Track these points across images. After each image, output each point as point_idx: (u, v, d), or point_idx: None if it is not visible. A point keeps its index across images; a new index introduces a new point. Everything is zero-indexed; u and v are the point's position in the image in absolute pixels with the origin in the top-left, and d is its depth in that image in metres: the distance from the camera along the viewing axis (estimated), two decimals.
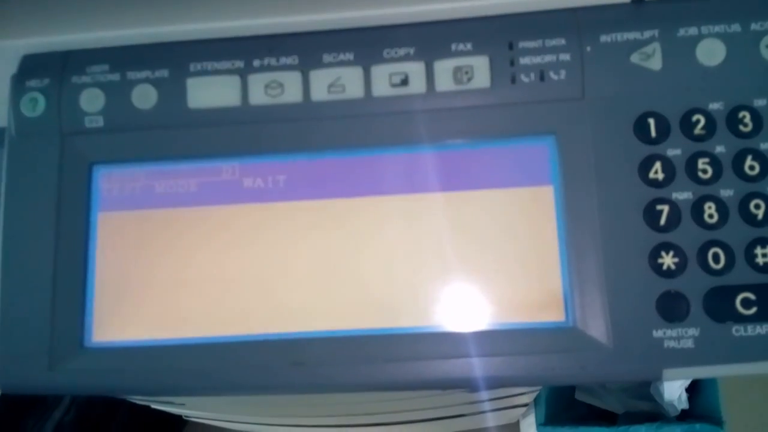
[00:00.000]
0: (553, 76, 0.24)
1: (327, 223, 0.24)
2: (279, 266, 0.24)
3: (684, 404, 0.59)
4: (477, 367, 0.23)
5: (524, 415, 0.69)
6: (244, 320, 0.23)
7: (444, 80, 0.24)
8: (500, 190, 0.24)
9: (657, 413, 0.62)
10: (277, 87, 0.25)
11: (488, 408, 0.59)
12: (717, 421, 0.63)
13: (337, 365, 0.23)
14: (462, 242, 0.24)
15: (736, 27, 0.24)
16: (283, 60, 0.25)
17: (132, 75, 0.25)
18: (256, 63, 0.25)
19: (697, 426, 0.61)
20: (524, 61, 0.24)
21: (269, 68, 0.25)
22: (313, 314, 0.23)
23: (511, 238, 0.24)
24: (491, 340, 0.23)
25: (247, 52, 0.25)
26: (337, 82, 0.24)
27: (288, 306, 0.24)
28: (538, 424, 0.63)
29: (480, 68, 0.24)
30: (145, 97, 0.25)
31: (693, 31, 0.24)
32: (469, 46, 0.25)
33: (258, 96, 0.25)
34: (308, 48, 0.25)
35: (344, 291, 0.23)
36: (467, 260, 0.24)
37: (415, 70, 0.24)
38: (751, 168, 0.23)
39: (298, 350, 0.23)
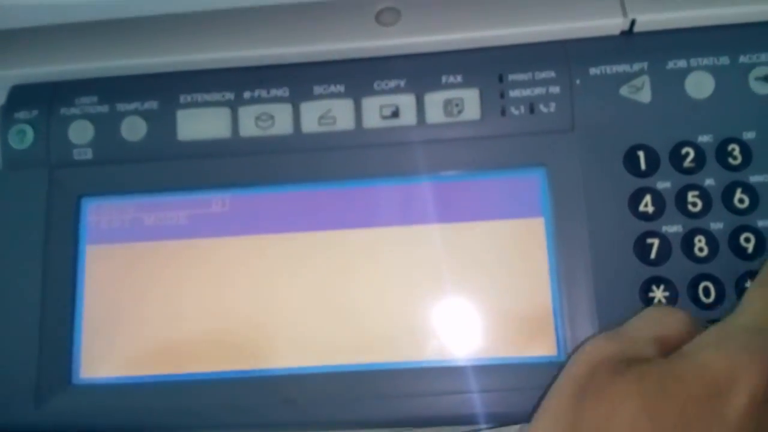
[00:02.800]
0: (542, 108, 0.24)
1: (318, 255, 0.24)
2: (270, 300, 0.24)
3: None
4: (471, 403, 0.23)
5: None
6: (235, 356, 0.23)
7: (434, 112, 0.24)
8: (491, 222, 0.24)
9: None
10: (268, 119, 0.25)
11: None
12: None
13: (329, 402, 0.23)
14: (454, 275, 0.24)
15: (725, 59, 0.24)
16: (274, 91, 0.25)
17: (121, 107, 0.25)
18: (247, 95, 0.25)
19: None
20: (514, 93, 0.24)
21: (259, 100, 0.25)
22: (304, 349, 0.23)
23: (502, 271, 0.24)
24: (485, 376, 0.23)
25: (237, 83, 0.25)
26: (328, 113, 0.24)
27: (279, 341, 0.23)
28: None
29: (470, 100, 0.24)
30: (134, 129, 0.25)
31: (682, 63, 0.24)
32: (459, 78, 0.25)
33: (248, 128, 0.25)
34: (299, 79, 0.25)
35: (336, 325, 0.23)
36: (459, 294, 0.24)
37: (406, 102, 0.24)
38: (741, 201, 0.23)
39: (289, 387, 0.23)
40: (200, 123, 0.24)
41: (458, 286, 0.24)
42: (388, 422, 0.23)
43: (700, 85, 0.24)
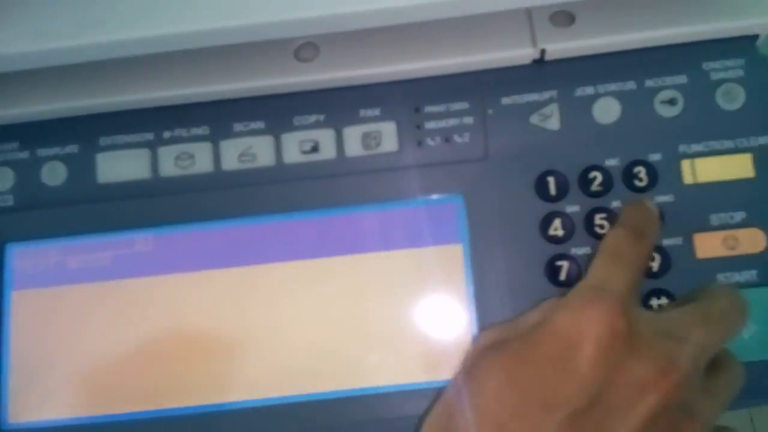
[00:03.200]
0: (457, 138, 0.25)
1: (243, 290, 0.24)
2: (194, 337, 0.24)
3: None
4: (395, 428, 0.24)
5: None
6: (160, 395, 0.23)
7: (353, 146, 0.25)
8: (412, 250, 0.25)
9: None
10: (188, 158, 0.25)
11: None
12: None
13: None
14: (375, 303, 0.25)
15: (631, 84, 0.25)
16: (194, 130, 0.25)
17: (41, 152, 0.25)
18: (166, 134, 0.25)
19: None
20: (430, 125, 0.25)
21: (179, 140, 0.25)
22: (228, 385, 0.24)
23: (423, 298, 0.25)
24: (410, 401, 0.24)
25: (156, 123, 0.25)
26: (248, 150, 0.25)
27: (202, 378, 0.24)
28: None
29: (388, 133, 0.25)
30: (54, 173, 0.25)
31: (590, 90, 0.25)
32: (377, 111, 0.25)
33: (168, 168, 0.25)
34: (218, 117, 0.25)
35: (260, 359, 0.24)
36: (381, 322, 0.24)
37: (325, 136, 0.25)
38: None
39: (213, 424, 0.23)
40: (120, 165, 0.25)
41: (381, 314, 0.24)
42: None
43: (607, 110, 0.25)
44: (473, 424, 0.19)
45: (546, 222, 0.24)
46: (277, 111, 0.25)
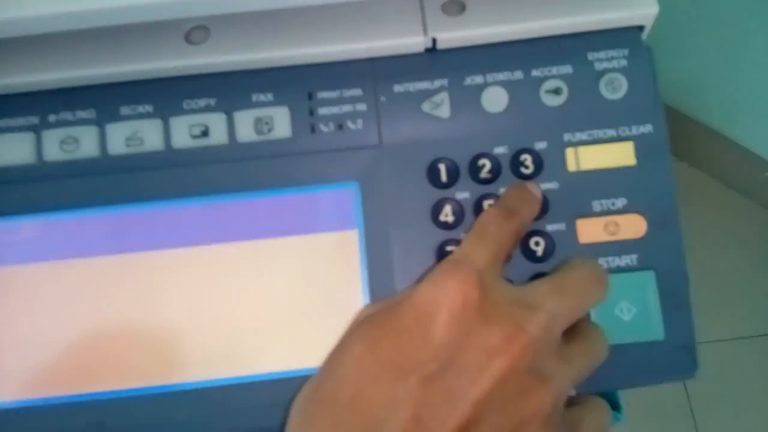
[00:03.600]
0: (350, 125, 0.25)
1: (126, 278, 0.24)
2: (69, 326, 0.23)
3: None
4: (279, 415, 0.24)
5: None
6: (43, 383, 0.23)
7: (245, 131, 0.25)
8: (307, 236, 0.25)
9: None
10: (73, 142, 0.24)
11: None
12: (615, 406, 0.67)
13: (138, 426, 0.23)
14: (270, 290, 0.24)
15: (518, 74, 0.25)
16: (80, 114, 0.25)
17: None
18: (52, 118, 0.24)
19: None
20: (323, 111, 0.25)
21: (65, 123, 0.24)
22: (113, 372, 0.23)
23: (318, 283, 0.25)
24: (297, 387, 0.24)
25: (41, 107, 0.24)
26: (135, 135, 0.24)
27: (87, 366, 0.23)
28: None
29: (280, 118, 0.25)
30: None
31: (479, 79, 0.25)
32: (269, 96, 0.25)
33: (53, 152, 0.24)
34: (105, 100, 0.25)
35: (144, 347, 0.23)
36: (275, 307, 0.24)
37: (216, 120, 0.25)
38: None
39: (96, 412, 0.23)
40: (3, 149, 0.24)
41: (275, 301, 0.24)
42: None
43: (495, 99, 0.25)
44: (333, 391, 0.20)
45: (437, 208, 0.25)
46: (166, 94, 0.25)
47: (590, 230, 0.25)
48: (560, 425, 0.20)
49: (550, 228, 0.25)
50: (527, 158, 0.25)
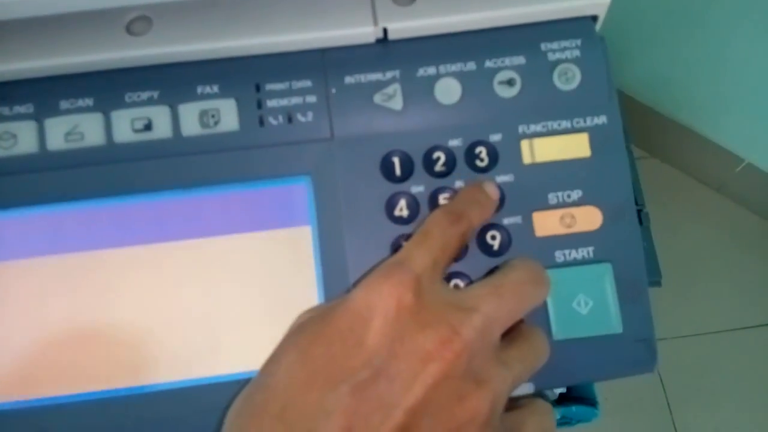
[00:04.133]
0: (300, 117, 0.24)
1: (67, 279, 0.23)
2: (12, 330, 0.22)
3: (562, 389, 0.63)
4: None
5: None
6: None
7: (190, 124, 0.24)
8: (258, 233, 0.24)
9: (539, 397, 0.66)
10: (10, 138, 0.23)
11: None
12: (592, 402, 0.68)
13: (85, 430, 0.22)
14: (220, 289, 0.24)
15: (471, 65, 0.25)
16: (17, 108, 0.23)
17: None
18: None
19: (574, 408, 0.65)
20: (272, 103, 0.24)
21: (1, 118, 0.23)
22: (58, 377, 0.22)
23: (271, 282, 0.24)
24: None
25: None
26: (75, 129, 0.23)
27: (30, 371, 0.22)
28: None
29: (227, 111, 0.24)
30: None
31: (431, 70, 0.25)
32: (215, 88, 0.24)
33: None
34: (44, 94, 0.24)
35: (86, 350, 0.23)
36: (226, 308, 0.24)
37: (159, 114, 0.24)
38: None
39: (38, 418, 0.22)
40: None
41: (227, 301, 0.24)
42: None
43: (448, 90, 0.25)
44: (263, 402, 0.19)
45: (391, 203, 0.24)
46: (107, 87, 0.24)
47: (546, 223, 0.24)
48: (499, 429, 0.20)
49: (506, 221, 0.24)
50: (482, 151, 0.24)
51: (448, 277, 0.24)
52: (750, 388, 0.95)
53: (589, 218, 0.25)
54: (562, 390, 0.66)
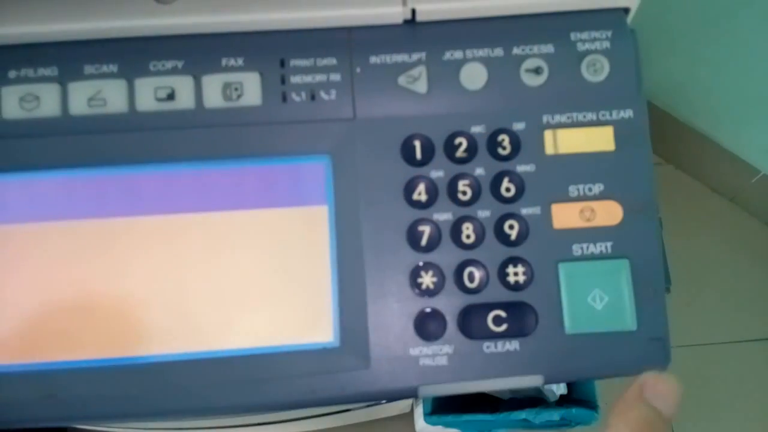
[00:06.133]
0: (323, 95, 0.24)
1: (81, 245, 0.23)
2: (20, 294, 0.23)
3: (562, 390, 0.63)
4: (240, 394, 0.23)
5: (416, 404, 0.70)
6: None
7: (213, 96, 0.24)
8: (274, 210, 0.24)
9: (539, 398, 0.66)
10: (33, 99, 0.23)
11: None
12: (592, 405, 0.67)
13: (92, 396, 0.22)
14: (234, 264, 0.24)
15: (498, 51, 0.25)
16: (41, 71, 0.23)
17: None
18: (12, 74, 0.23)
19: (574, 410, 0.65)
20: (295, 79, 0.24)
21: (25, 80, 0.23)
22: (66, 342, 0.22)
23: (284, 260, 0.24)
24: (260, 365, 0.23)
25: (1, 62, 0.23)
26: (98, 95, 0.23)
27: (39, 335, 0.22)
28: (425, 414, 0.65)
29: (250, 85, 0.24)
30: None
31: (458, 54, 0.24)
32: (240, 61, 0.24)
33: (12, 109, 0.23)
34: (69, 58, 0.24)
35: (99, 318, 0.23)
36: (239, 283, 0.23)
37: (183, 83, 0.24)
38: (507, 190, 0.24)
39: (47, 382, 0.22)
40: None
41: (239, 275, 0.23)
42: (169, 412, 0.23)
43: (473, 76, 0.24)
44: None
45: (410, 186, 0.24)
46: (132, 54, 0.24)
47: (565, 215, 0.24)
48: None
49: (524, 212, 0.24)
50: (505, 139, 0.24)
51: (462, 266, 0.24)
52: (754, 402, 0.94)
53: (609, 213, 0.24)
54: (563, 391, 0.66)
